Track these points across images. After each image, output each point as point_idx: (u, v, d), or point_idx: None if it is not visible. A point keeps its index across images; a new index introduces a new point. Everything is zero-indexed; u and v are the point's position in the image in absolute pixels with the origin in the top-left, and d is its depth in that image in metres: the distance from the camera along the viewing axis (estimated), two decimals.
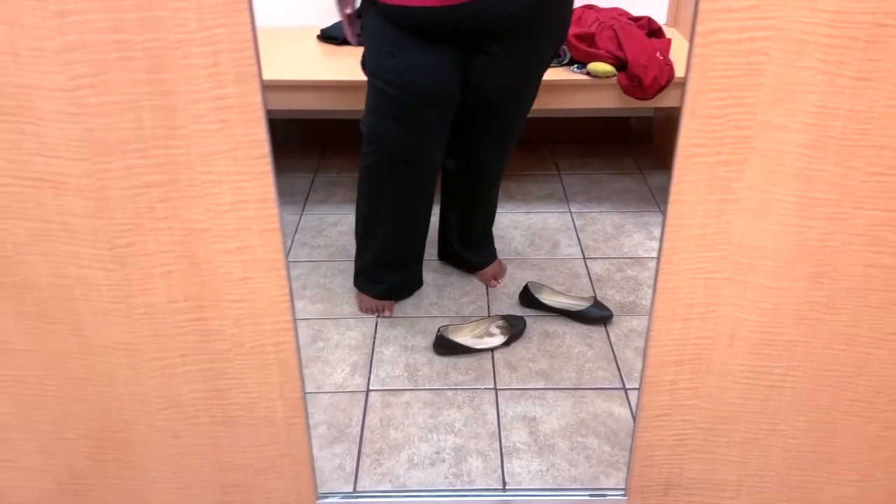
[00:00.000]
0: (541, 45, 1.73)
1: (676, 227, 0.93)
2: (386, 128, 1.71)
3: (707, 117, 0.86)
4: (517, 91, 1.79)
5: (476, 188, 1.98)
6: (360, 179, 1.83)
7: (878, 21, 0.80)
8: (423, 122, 1.70)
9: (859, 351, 1.02)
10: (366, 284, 1.95)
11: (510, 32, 1.64)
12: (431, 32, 1.60)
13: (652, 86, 2.16)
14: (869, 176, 0.90)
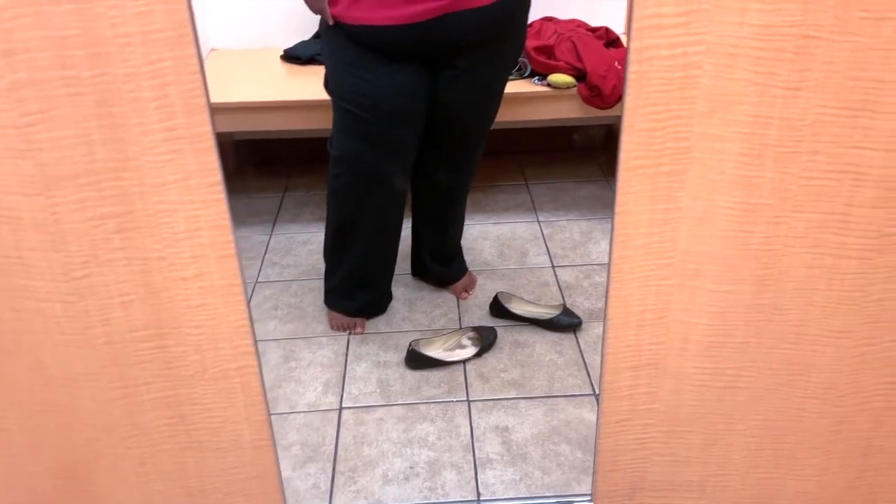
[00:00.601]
0: (503, 56, 1.76)
1: (624, 237, 0.96)
2: (355, 149, 1.72)
3: (646, 130, 0.89)
4: (483, 104, 1.82)
5: (447, 203, 2.00)
6: (329, 199, 1.84)
7: (804, 33, 0.84)
8: (392, 141, 1.72)
9: (807, 349, 1.05)
10: (337, 302, 1.96)
11: (474, 46, 1.66)
12: (396, 51, 1.61)
13: (612, 95, 2.20)
14: (806, 181, 0.93)
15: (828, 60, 0.85)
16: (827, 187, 0.93)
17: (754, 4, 0.82)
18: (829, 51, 0.85)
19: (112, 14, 0.81)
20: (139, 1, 0.80)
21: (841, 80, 0.86)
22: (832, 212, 0.95)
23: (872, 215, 0.95)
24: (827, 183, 0.93)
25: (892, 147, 0.90)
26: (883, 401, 1.11)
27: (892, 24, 0.83)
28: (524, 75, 2.34)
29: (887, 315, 1.03)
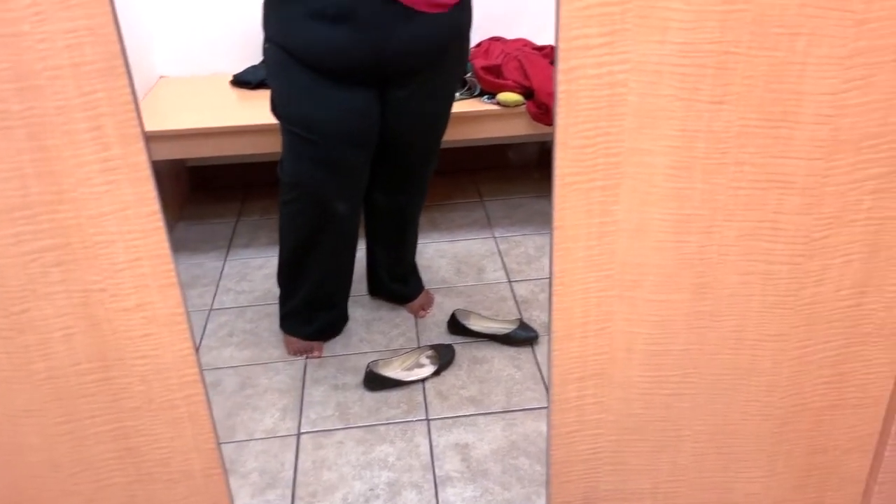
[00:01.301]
0: (450, 73, 1.79)
1: (564, 251, 0.98)
2: (307, 174, 1.71)
3: (578, 147, 0.91)
4: (433, 122, 1.84)
5: (401, 222, 2.01)
6: (282, 225, 1.82)
7: (723, 49, 0.87)
8: (344, 164, 1.72)
9: (747, 354, 1.08)
10: (295, 326, 1.95)
11: (423, 65, 1.67)
12: (346, 72, 1.61)
13: None
14: (734, 191, 0.96)
15: (748, 75, 0.89)
16: (755, 196, 0.96)
17: (674, 23, 0.85)
18: (749, 65, 0.88)
19: (41, 47, 0.80)
20: (68, 34, 0.80)
21: (761, 93, 0.90)
22: (761, 220, 0.98)
23: (800, 222, 0.98)
24: (755, 192, 0.96)
25: (814, 156, 0.94)
26: (822, 400, 1.14)
27: (805, 39, 0.87)
28: (474, 94, 2.37)
29: (820, 318, 1.06)
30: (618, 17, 0.84)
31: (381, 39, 1.55)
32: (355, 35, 1.53)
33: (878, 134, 0.94)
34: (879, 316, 1.07)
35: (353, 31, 1.53)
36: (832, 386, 1.13)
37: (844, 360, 1.11)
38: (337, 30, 1.53)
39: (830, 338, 1.08)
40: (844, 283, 1.04)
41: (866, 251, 1.02)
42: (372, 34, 1.54)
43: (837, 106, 0.91)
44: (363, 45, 1.55)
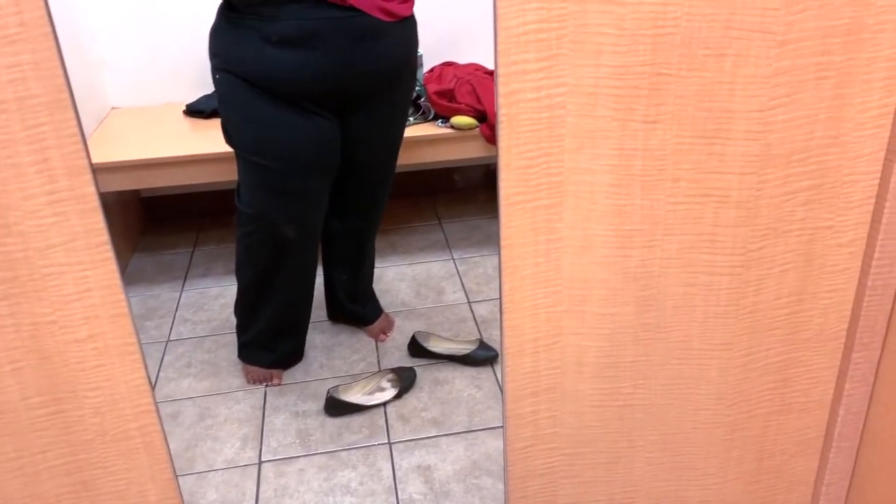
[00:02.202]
0: (404, 93, 1.82)
1: (512, 269, 1.01)
2: (268, 204, 1.69)
3: (521, 168, 0.94)
4: (391, 144, 1.87)
5: (360, 244, 2.02)
6: (241, 257, 1.81)
7: (655, 71, 0.91)
8: (307, 192, 1.72)
9: (694, 363, 1.11)
10: (255, 355, 1.94)
11: (381, 86, 1.70)
12: (308, 97, 1.62)
13: None
14: (673, 206, 1.00)
15: (680, 94, 0.93)
16: (693, 211, 1.00)
17: (608, 48, 0.89)
18: (680, 86, 0.92)
19: None
20: (12, 68, 0.81)
21: (694, 112, 0.94)
22: (700, 233, 1.02)
23: (737, 234, 1.03)
24: (692, 207, 1.00)
25: (747, 171, 0.98)
26: (768, 406, 1.18)
27: (731, 60, 0.91)
28: (428, 119, 2.40)
29: (761, 326, 1.10)
30: (553, 43, 0.88)
31: (342, 61, 1.57)
32: (316, 58, 1.54)
33: (805, 148, 0.99)
34: (817, 322, 1.12)
35: (312, 54, 1.54)
36: (777, 391, 1.17)
37: (787, 365, 1.15)
38: (297, 53, 1.54)
39: (772, 345, 1.12)
40: (782, 291, 1.08)
41: (801, 260, 1.06)
42: (332, 56, 1.55)
43: (766, 122, 0.96)
44: (324, 68, 1.56)
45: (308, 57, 1.54)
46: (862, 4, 0.91)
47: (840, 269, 1.08)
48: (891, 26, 0.93)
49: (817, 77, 0.94)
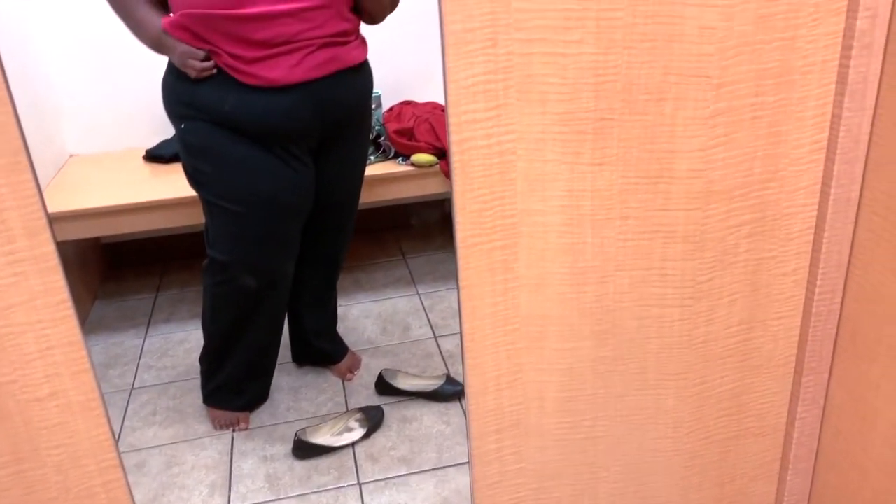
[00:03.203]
0: (367, 129, 1.88)
1: (471, 309, 1.03)
2: (246, 251, 1.70)
3: (476, 211, 0.97)
4: (358, 180, 1.91)
5: (328, 279, 2.04)
6: (213, 307, 1.79)
7: (599, 116, 0.95)
8: (285, 236, 1.73)
9: (651, 393, 1.15)
10: (224, 399, 1.92)
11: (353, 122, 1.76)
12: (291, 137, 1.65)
13: None
14: (622, 242, 1.03)
15: (624, 137, 0.97)
16: (642, 247, 1.04)
17: (553, 95, 0.93)
18: (624, 129, 0.96)
19: None
20: None
21: (638, 154, 0.98)
22: (650, 267, 1.06)
23: (685, 267, 1.07)
24: (641, 243, 1.04)
25: (691, 207, 1.03)
26: (725, 432, 1.21)
27: (671, 103, 0.96)
28: (389, 157, 2.44)
29: (713, 355, 1.14)
30: (501, 93, 0.91)
31: (321, 98, 1.62)
32: (297, 97, 1.59)
33: (745, 184, 1.03)
34: (767, 349, 1.16)
35: (294, 93, 1.58)
36: (733, 418, 1.20)
37: (741, 392, 1.18)
38: (278, 94, 1.57)
39: (725, 372, 1.16)
40: (732, 321, 1.12)
41: (748, 290, 1.11)
42: (312, 94, 1.60)
43: (707, 161, 1.01)
44: (306, 106, 1.61)
45: (292, 96, 1.58)
46: (790, 48, 0.97)
47: (786, 296, 1.13)
48: (818, 67, 0.99)
49: (753, 117, 0.99)
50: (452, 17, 0.86)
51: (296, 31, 1.54)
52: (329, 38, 1.60)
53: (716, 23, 0.92)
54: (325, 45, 1.60)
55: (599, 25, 0.90)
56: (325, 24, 1.58)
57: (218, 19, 1.49)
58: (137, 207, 2.19)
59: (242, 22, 1.50)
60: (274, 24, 1.51)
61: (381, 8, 1.67)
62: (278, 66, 1.55)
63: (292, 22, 1.53)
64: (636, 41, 0.91)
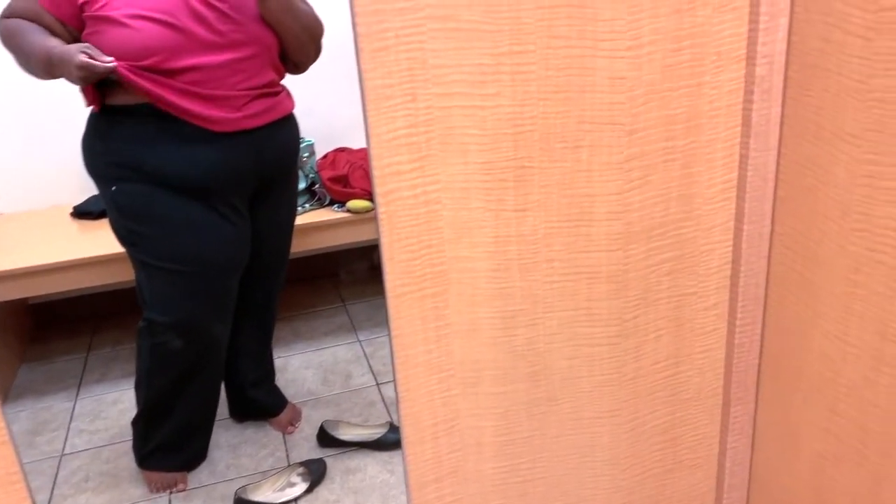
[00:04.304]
0: (295, 182, 1.90)
1: (404, 358, 1.03)
2: (187, 311, 1.67)
3: (405, 261, 0.98)
4: (289, 230, 1.92)
5: (264, 328, 2.02)
6: (149, 366, 1.73)
7: (519, 164, 0.98)
8: (224, 293, 1.72)
9: (587, 432, 1.16)
10: (161, 461, 1.86)
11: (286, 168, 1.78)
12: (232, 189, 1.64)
13: None
14: (549, 285, 1.06)
15: (544, 184, 1.00)
16: (568, 288, 1.07)
17: (473, 146, 0.95)
18: (543, 176, 1.00)
19: None
20: None
21: (558, 199, 1.01)
22: (577, 308, 1.08)
23: (611, 306, 1.10)
24: (567, 284, 1.07)
25: (612, 248, 1.06)
26: (660, 466, 1.23)
27: (587, 150, 1.00)
28: (324, 204, 2.44)
29: (644, 390, 1.16)
30: (424, 145, 0.94)
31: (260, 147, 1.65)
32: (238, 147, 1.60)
33: (662, 224, 1.08)
34: (695, 382, 1.19)
35: (234, 143, 1.59)
36: (667, 451, 1.23)
37: (673, 426, 1.21)
38: (218, 146, 1.57)
39: (656, 407, 1.19)
40: (659, 356, 1.15)
41: (672, 326, 1.14)
42: (252, 144, 1.62)
43: (625, 203, 1.04)
44: (248, 156, 1.63)
45: (232, 148, 1.59)
46: (696, 95, 1.02)
47: (709, 330, 1.17)
48: (723, 111, 1.04)
49: (665, 160, 1.04)
50: (371, 73, 0.88)
51: (233, 82, 1.55)
52: (263, 89, 1.62)
53: (625, 73, 0.97)
54: (261, 96, 1.62)
55: (514, 79, 0.93)
56: (257, 73, 1.60)
57: (155, 70, 1.49)
58: (66, 266, 2.13)
59: (179, 73, 1.49)
60: (211, 76, 1.52)
61: (307, 57, 1.70)
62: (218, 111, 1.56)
63: (228, 74, 1.54)
64: (550, 92, 0.95)
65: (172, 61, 1.48)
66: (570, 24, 0.93)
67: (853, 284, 0.97)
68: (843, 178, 0.95)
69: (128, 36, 1.45)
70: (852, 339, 0.99)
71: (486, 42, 0.91)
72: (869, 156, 0.91)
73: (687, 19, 0.98)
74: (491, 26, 0.90)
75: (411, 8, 0.87)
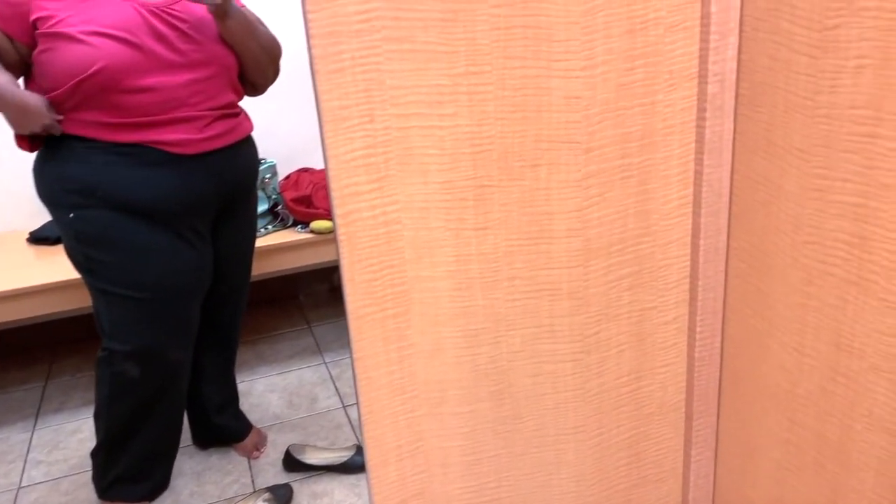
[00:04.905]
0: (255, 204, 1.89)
1: (367, 380, 1.03)
2: (151, 339, 1.63)
3: (366, 282, 0.98)
4: (250, 252, 1.90)
5: (229, 349, 1.99)
6: (110, 394, 1.69)
7: (479, 184, 0.99)
8: (188, 319, 1.69)
9: (552, 449, 1.16)
10: (123, 492, 1.81)
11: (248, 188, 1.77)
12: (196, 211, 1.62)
13: None
14: (511, 303, 1.06)
15: (503, 202, 1.01)
16: (530, 305, 1.07)
17: (433, 166, 0.96)
18: (503, 195, 1.00)
19: None
20: None
21: (518, 217, 1.02)
22: (539, 325, 1.09)
23: (573, 322, 1.10)
24: (529, 301, 1.07)
25: (572, 264, 1.07)
26: (626, 481, 1.24)
27: (545, 168, 1.01)
28: (287, 226, 2.42)
29: (608, 406, 1.17)
30: (382, 166, 0.94)
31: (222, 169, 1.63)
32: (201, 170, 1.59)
33: (621, 240, 1.09)
34: (657, 396, 1.20)
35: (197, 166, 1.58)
36: (632, 466, 1.23)
37: (637, 440, 1.22)
38: (180, 170, 1.56)
39: (621, 422, 1.19)
40: (622, 371, 1.16)
41: (634, 340, 1.15)
42: (214, 166, 1.61)
43: (584, 220, 1.05)
44: (210, 178, 1.61)
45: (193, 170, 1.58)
46: (650, 113, 1.04)
47: (670, 344, 1.18)
48: (677, 129, 1.06)
49: (622, 177, 1.05)
50: (328, 95, 0.88)
51: (194, 103, 1.54)
52: (223, 110, 1.61)
53: (580, 92, 0.98)
54: (222, 117, 1.61)
55: (471, 99, 0.94)
56: (217, 94, 1.59)
57: (114, 91, 1.46)
58: (23, 293, 2.08)
59: (139, 93, 1.47)
60: (171, 96, 1.51)
61: (265, 78, 1.69)
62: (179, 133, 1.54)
63: (189, 94, 1.53)
64: (507, 112, 0.96)
65: (131, 80, 1.46)
66: (525, 45, 0.94)
67: (807, 296, 0.99)
68: (795, 192, 0.97)
69: (85, 53, 1.42)
70: (808, 350, 1.00)
71: (443, 63, 0.92)
72: (818, 170, 0.93)
73: (639, 39, 0.99)
74: (447, 47, 0.91)
75: (367, 30, 0.87)
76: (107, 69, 1.43)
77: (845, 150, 0.89)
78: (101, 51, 1.42)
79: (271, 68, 1.69)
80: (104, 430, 1.74)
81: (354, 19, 0.86)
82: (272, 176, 2.41)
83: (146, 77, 1.47)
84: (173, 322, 1.66)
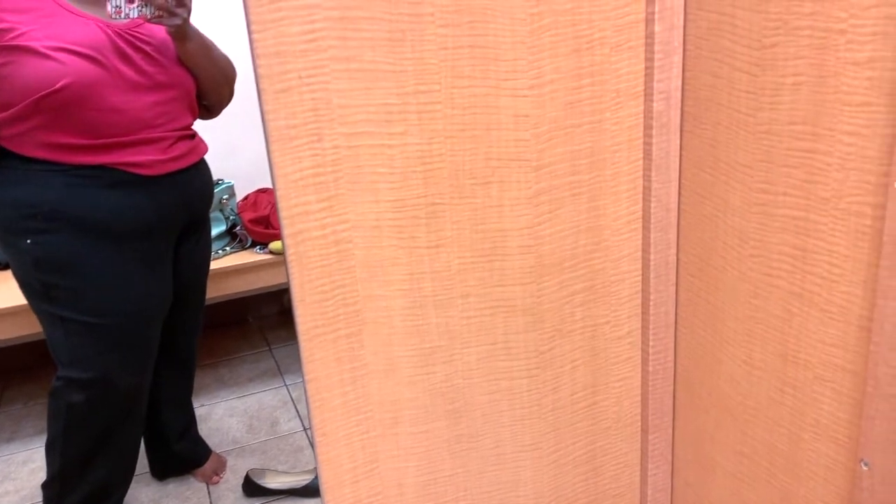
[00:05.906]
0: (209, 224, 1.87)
1: (320, 402, 1.01)
2: (114, 365, 1.59)
3: (317, 302, 0.97)
4: (206, 271, 1.88)
5: (188, 374, 1.96)
6: (68, 425, 1.63)
7: (430, 201, 0.99)
8: (149, 343, 1.65)
9: (510, 466, 1.16)
10: None
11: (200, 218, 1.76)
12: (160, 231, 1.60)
13: None
14: (466, 320, 1.06)
15: (455, 220, 1.01)
16: (485, 322, 1.07)
17: (383, 184, 0.96)
18: (454, 212, 1.00)
19: None
20: None
21: (470, 234, 1.02)
22: (494, 342, 1.09)
23: (527, 339, 1.10)
24: (484, 319, 1.07)
25: (526, 281, 1.07)
26: (584, 497, 1.24)
27: (496, 186, 1.01)
28: (246, 247, 2.40)
29: (564, 422, 1.17)
30: (332, 185, 0.93)
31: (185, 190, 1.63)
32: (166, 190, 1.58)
33: (573, 256, 1.10)
34: (613, 411, 1.21)
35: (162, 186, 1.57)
36: (590, 482, 1.24)
37: (594, 455, 1.22)
38: (146, 191, 1.55)
39: (577, 438, 1.20)
40: (577, 386, 1.17)
41: (588, 356, 1.16)
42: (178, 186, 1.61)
43: (536, 237, 1.06)
44: (175, 198, 1.60)
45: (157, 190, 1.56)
46: (598, 130, 1.05)
47: (623, 358, 1.19)
48: (625, 146, 1.08)
49: (572, 194, 1.06)
50: (274, 114, 0.87)
51: (159, 124, 1.53)
52: (183, 131, 1.61)
53: (528, 111, 0.99)
54: (182, 138, 1.60)
55: (421, 117, 0.94)
56: (179, 116, 1.58)
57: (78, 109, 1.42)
58: None
59: (104, 113, 1.45)
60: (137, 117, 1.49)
61: (220, 100, 1.69)
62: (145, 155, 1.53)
63: (154, 116, 1.52)
64: (457, 130, 0.97)
65: (97, 99, 1.43)
66: (474, 65, 0.95)
67: (754, 309, 1.00)
68: (739, 206, 0.99)
69: (51, 69, 1.38)
70: (756, 361, 1.02)
71: (391, 82, 0.92)
72: (761, 185, 0.95)
73: (586, 58, 1.01)
74: (395, 66, 0.91)
75: (314, 49, 0.87)
76: (73, 86, 1.39)
77: (786, 165, 0.91)
78: (68, 67, 1.39)
79: (226, 90, 1.68)
80: (59, 462, 1.68)
81: (299, 39, 0.85)
82: (230, 197, 2.39)
83: (112, 97, 1.45)
84: (135, 347, 1.62)
